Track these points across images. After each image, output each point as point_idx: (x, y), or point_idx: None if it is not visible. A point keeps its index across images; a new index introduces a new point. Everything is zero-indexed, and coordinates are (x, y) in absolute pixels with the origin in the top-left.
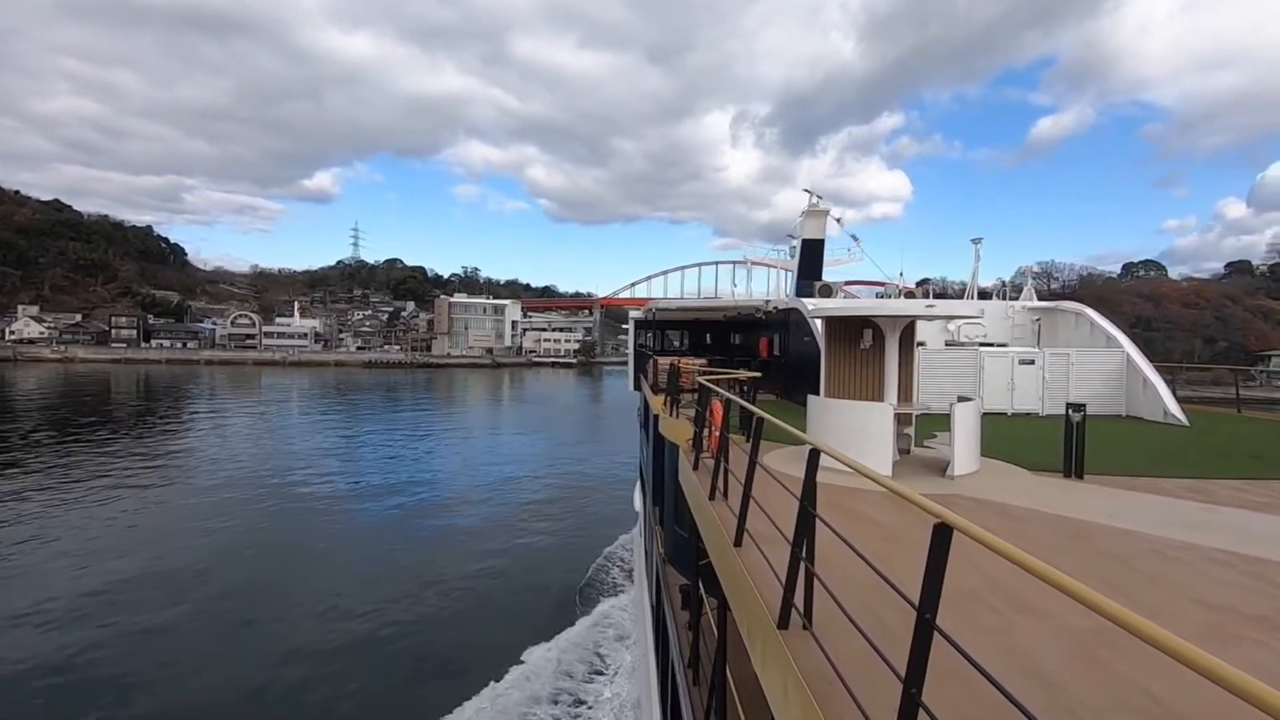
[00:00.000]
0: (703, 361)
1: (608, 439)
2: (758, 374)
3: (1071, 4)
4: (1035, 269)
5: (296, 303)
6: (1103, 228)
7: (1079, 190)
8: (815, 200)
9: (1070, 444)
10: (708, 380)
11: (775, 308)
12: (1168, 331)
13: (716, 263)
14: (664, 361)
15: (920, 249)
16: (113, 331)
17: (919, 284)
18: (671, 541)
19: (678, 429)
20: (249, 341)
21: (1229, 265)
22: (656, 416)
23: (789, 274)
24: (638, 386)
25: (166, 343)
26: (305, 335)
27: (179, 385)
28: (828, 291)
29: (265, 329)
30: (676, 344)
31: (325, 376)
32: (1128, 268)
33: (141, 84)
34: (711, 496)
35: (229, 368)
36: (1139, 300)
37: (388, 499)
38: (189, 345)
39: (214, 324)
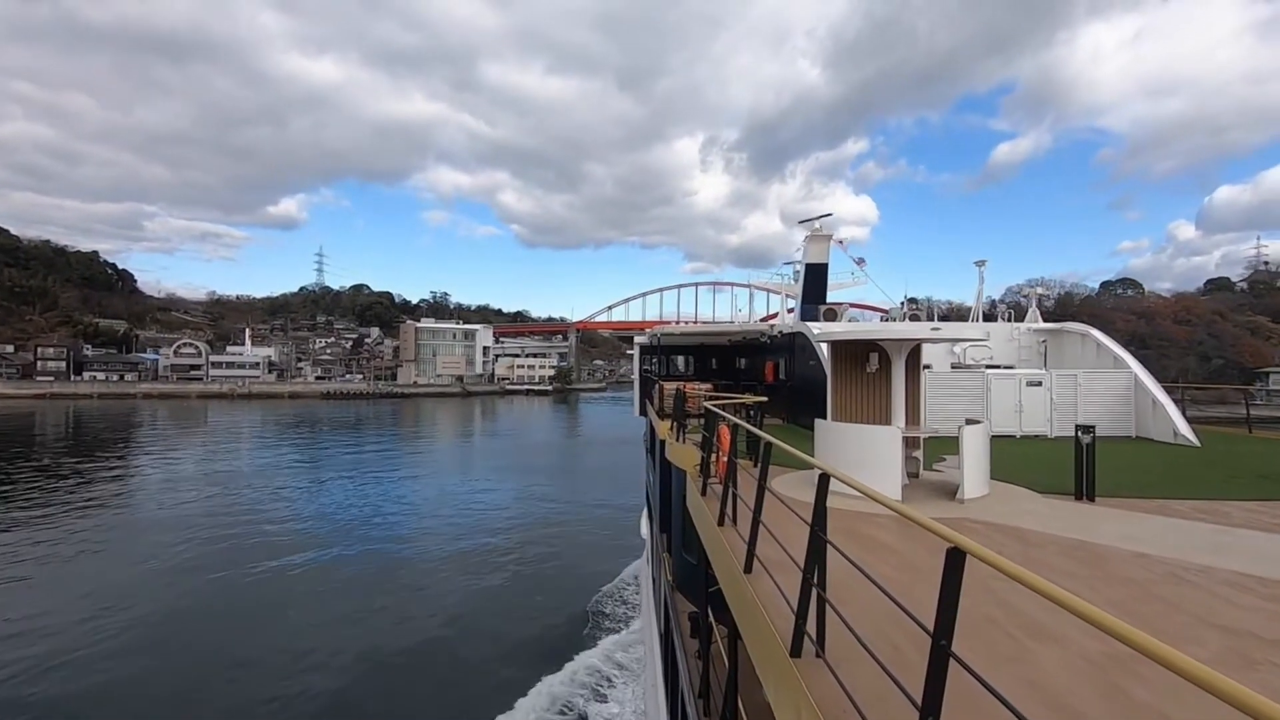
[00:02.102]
0: (709, 386)
1: (593, 481)
2: (764, 398)
3: (1028, 33)
4: (1041, 290)
5: (248, 329)
6: (1060, 249)
7: (1037, 213)
8: (818, 225)
9: (1080, 466)
10: (714, 405)
11: (780, 332)
12: (1161, 349)
13: (696, 284)
14: (670, 386)
15: (888, 272)
16: (39, 363)
17: (905, 303)
18: (679, 568)
19: (684, 454)
20: (194, 373)
21: (1209, 282)
22: (663, 442)
23: (768, 296)
24: (643, 412)
25: (101, 375)
26: (258, 365)
27: (106, 424)
28: (833, 315)
29: (213, 359)
30: (682, 369)
31: (279, 410)
32: (1105, 286)
33: (96, 107)
34: (720, 522)
35: (170, 402)
36: (1132, 318)
37: (350, 559)
38: (127, 377)
39: (157, 354)
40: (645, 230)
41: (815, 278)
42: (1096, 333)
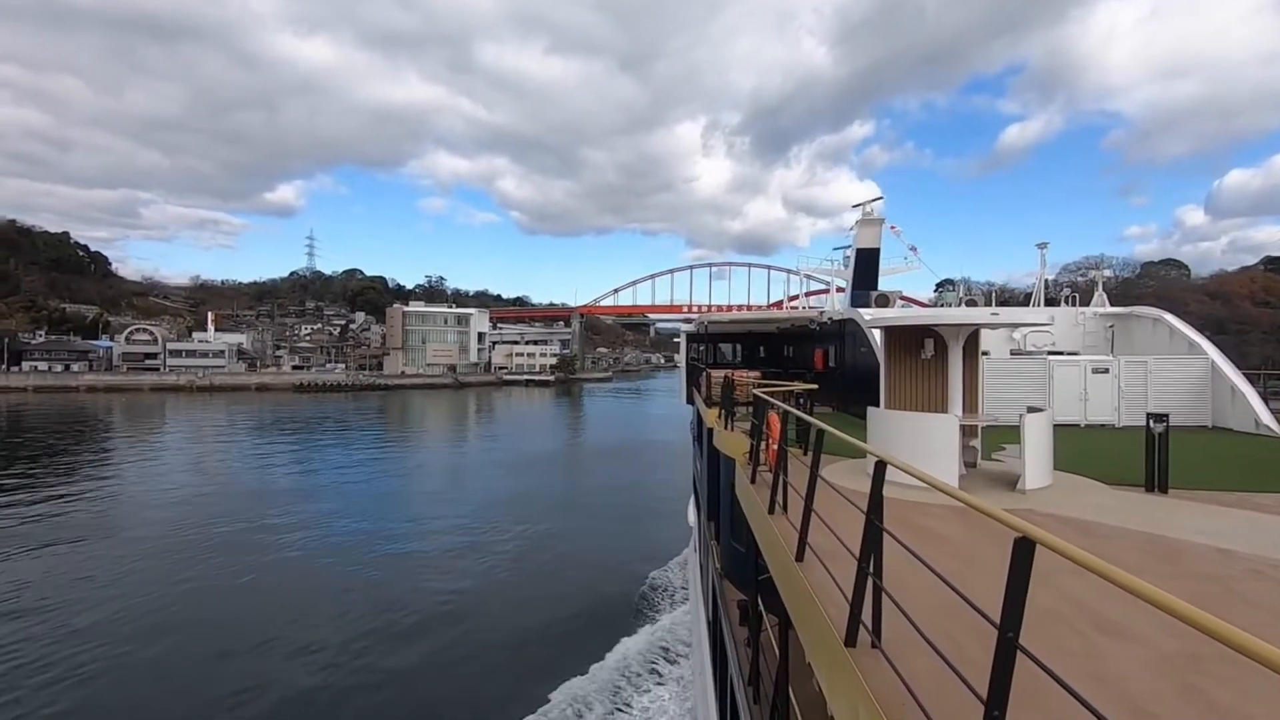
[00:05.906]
0: (756, 374)
1: (609, 530)
2: (814, 386)
3: (1039, 10)
4: (1109, 274)
5: (210, 314)
6: (1068, 234)
7: (1045, 198)
8: (869, 210)
9: (1152, 456)
10: (763, 393)
11: (830, 318)
12: (1241, 333)
13: (710, 264)
14: (717, 374)
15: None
16: None
17: (939, 286)
18: (728, 556)
19: (733, 442)
20: (150, 362)
21: (1268, 259)
22: (711, 430)
23: (788, 279)
24: (690, 400)
25: (44, 365)
26: (223, 353)
27: (27, 427)
28: (885, 301)
29: (172, 347)
30: (729, 357)
31: (244, 405)
32: (1148, 266)
33: (87, 91)
34: (771, 510)
35: (118, 396)
36: (1205, 299)
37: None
38: (74, 368)
39: (111, 342)
40: (646, 217)
41: (866, 263)
42: (1170, 317)
